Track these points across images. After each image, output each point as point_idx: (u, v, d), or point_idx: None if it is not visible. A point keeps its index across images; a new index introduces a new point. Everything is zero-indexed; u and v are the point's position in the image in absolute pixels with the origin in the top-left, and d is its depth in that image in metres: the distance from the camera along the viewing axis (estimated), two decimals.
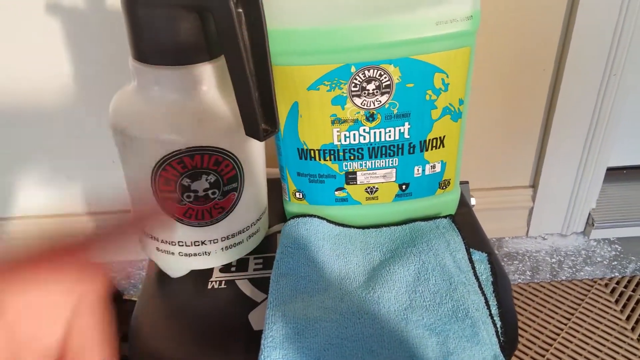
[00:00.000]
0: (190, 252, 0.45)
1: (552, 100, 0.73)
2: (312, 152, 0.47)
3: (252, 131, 0.38)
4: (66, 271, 0.19)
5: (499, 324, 0.42)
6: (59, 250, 0.20)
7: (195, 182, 0.40)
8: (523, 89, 0.72)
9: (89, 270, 0.20)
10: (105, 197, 0.80)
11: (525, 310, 0.88)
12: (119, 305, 0.89)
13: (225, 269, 0.48)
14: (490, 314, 0.42)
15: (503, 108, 0.74)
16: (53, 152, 0.75)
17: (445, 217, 0.49)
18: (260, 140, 0.39)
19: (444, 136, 0.47)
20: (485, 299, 0.43)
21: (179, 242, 0.44)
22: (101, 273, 0.20)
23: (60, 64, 0.66)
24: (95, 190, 0.79)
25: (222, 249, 0.46)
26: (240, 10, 0.34)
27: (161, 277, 0.48)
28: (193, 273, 0.47)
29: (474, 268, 0.45)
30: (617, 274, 0.93)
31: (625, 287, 0.91)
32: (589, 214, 0.86)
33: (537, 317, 0.87)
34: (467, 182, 0.59)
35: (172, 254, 0.45)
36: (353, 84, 0.43)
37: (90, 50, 0.66)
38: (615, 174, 0.90)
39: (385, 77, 0.43)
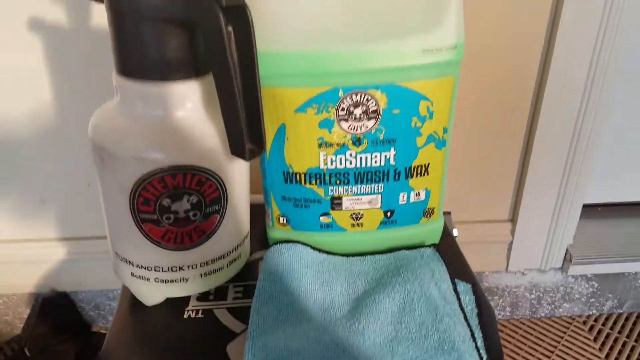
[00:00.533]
0: (166, 278, 0.43)
1: (529, 137, 0.75)
2: (298, 175, 0.46)
3: (238, 151, 0.38)
4: None
5: (485, 356, 0.40)
6: None
7: (176, 202, 0.39)
8: (501, 125, 0.74)
9: None
10: (80, 222, 0.77)
11: (506, 347, 0.87)
12: (87, 338, 0.84)
13: (203, 297, 0.46)
14: (477, 347, 0.41)
15: (481, 142, 0.75)
16: (27, 174, 0.72)
17: (429, 246, 0.49)
18: (246, 160, 0.38)
19: (429, 164, 0.47)
20: (471, 330, 0.42)
21: (155, 267, 0.42)
22: None
23: (38, 79, 0.65)
24: (70, 214, 0.76)
25: (201, 275, 0.44)
26: (231, 28, 0.34)
27: (135, 305, 0.45)
28: (169, 301, 0.45)
29: (459, 299, 0.44)
30: (594, 312, 0.93)
31: (603, 324, 0.92)
32: (567, 250, 0.86)
33: (518, 354, 0.86)
34: (449, 213, 0.59)
35: (148, 279, 0.43)
36: (341, 108, 0.43)
37: (70, 68, 0.64)
38: (591, 210, 0.91)
39: (372, 103, 0.43)
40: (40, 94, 0.66)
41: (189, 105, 0.38)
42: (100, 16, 0.61)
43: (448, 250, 0.52)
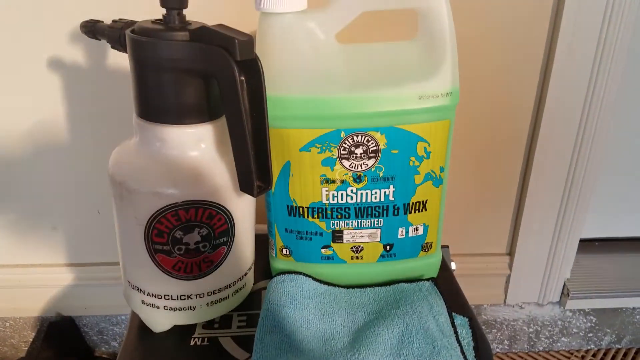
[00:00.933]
0: (175, 306, 0.45)
1: (526, 171, 0.77)
2: (301, 209, 0.49)
3: (247, 187, 0.40)
4: None
5: None
6: None
7: (188, 234, 0.42)
8: (498, 160, 0.76)
9: None
10: (89, 249, 0.79)
11: None
12: None
13: (209, 325, 0.48)
14: None
15: (479, 176, 0.77)
16: (41, 202, 0.75)
17: (427, 280, 0.51)
18: (254, 196, 0.41)
19: (426, 200, 0.49)
20: None
21: (165, 295, 0.45)
22: None
23: (54, 115, 0.68)
24: (79, 241, 0.78)
25: (208, 304, 0.46)
26: (243, 78, 0.37)
27: (143, 331, 0.47)
28: (176, 328, 0.47)
29: (456, 332, 0.46)
30: (593, 346, 0.94)
31: (602, 359, 0.92)
32: (564, 284, 0.87)
33: None
34: (447, 247, 0.62)
35: (157, 307, 0.45)
36: (342, 148, 0.45)
37: (84, 105, 0.68)
38: (588, 245, 0.93)
39: (372, 143, 0.46)
40: (56, 129, 0.69)
41: (203, 145, 0.41)
42: (114, 56, 0.65)
43: (446, 283, 0.53)
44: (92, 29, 0.45)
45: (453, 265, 0.60)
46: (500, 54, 0.68)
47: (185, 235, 0.41)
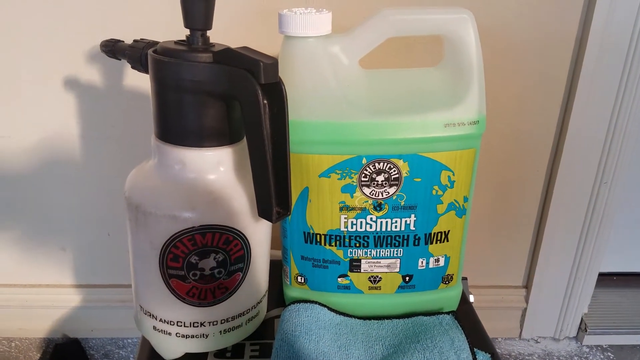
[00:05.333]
0: (187, 333, 0.44)
1: (544, 204, 0.76)
2: (318, 236, 0.47)
3: (266, 213, 0.39)
4: None
5: None
6: None
7: (204, 260, 0.40)
8: (516, 190, 0.75)
9: None
10: (97, 270, 0.78)
11: None
12: None
13: (221, 354, 0.47)
14: None
15: (497, 207, 0.76)
16: (52, 223, 0.74)
17: (448, 313, 0.49)
18: (272, 222, 0.39)
19: (449, 231, 0.48)
20: None
21: (177, 321, 0.43)
22: None
23: (69, 132, 0.68)
24: (87, 262, 0.77)
25: (221, 332, 0.44)
26: (266, 102, 0.36)
27: (153, 358, 0.46)
28: (187, 356, 0.46)
29: None
30: None
31: None
32: (582, 318, 0.85)
33: None
34: (466, 279, 0.60)
35: (169, 334, 0.44)
36: (363, 175, 0.44)
37: (100, 125, 0.68)
38: (606, 279, 0.90)
39: (394, 171, 0.44)
40: (69, 149, 0.69)
41: (222, 169, 0.40)
42: (132, 77, 0.65)
43: (466, 317, 0.52)
44: (112, 48, 0.44)
45: (472, 298, 0.58)
46: (521, 82, 0.67)
47: (201, 260, 0.40)
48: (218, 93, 0.37)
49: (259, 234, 0.43)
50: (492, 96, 0.67)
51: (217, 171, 0.40)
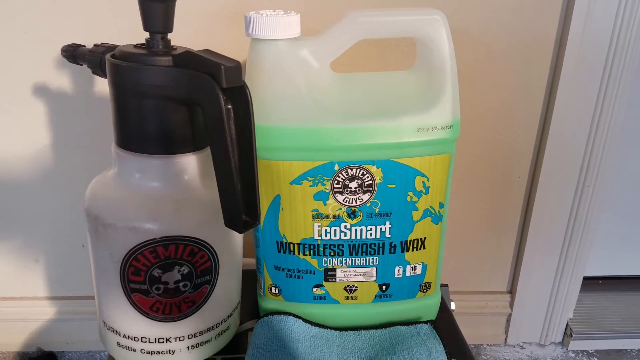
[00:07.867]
0: (153, 349, 0.42)
1: (527, 208, 0.75)
2: (291, 245, 0.46)
3: (233, 223, 0.37)
4: None
5: None
6: None
7: (167, 273, 0.39)
8: (499, 196, 0.74)
9: None
10: (72, 282, 0.76)
11: None
12: None
13: None
14: None
15: (479, 212, 0.75)
16: (24, 234, 0.72)
17: (426, 322, 0.48)
18: (240, 232, 0.38)
19: (425, 238, 0.46)
20: None
21: (142, 337, 0.41)
22: None
23: (37, 142, 0.66)
24: (61, 274, 0.75)
25: (188, 347, 0.43)
26: (230, 106, 0.35)
27: None
28: None
29: None
30: None
31: None
32: (567, 323, 0.84)
33: None
34: (446, 285, 0.58)
35: (134, 350, 0.42)
36: (336, 181, 0.43)
37: (69, 134, 0.66)
38: (591, 283, 0.90)
39: (367, 177, 0.43)
40: (39, 159, 0.67)
41: (186, 177, 0.38)
42: (101, 83, 0.63)
43: (445, 326, 0.50)
44: (73, 53, 0.43)
45: (452, 306, 0.57)
46: (502, 87, 0.67)
47: (164, 273, 0.38)
48: (179, 98, 0.35)
49: (227, 245, 0.42)
50: (472, 101, 0.66)
51: (180, 180, 0.38)
